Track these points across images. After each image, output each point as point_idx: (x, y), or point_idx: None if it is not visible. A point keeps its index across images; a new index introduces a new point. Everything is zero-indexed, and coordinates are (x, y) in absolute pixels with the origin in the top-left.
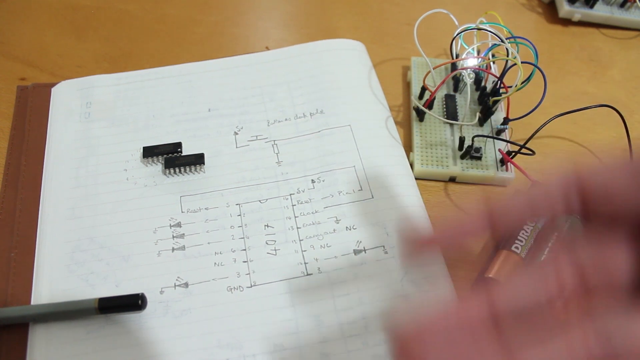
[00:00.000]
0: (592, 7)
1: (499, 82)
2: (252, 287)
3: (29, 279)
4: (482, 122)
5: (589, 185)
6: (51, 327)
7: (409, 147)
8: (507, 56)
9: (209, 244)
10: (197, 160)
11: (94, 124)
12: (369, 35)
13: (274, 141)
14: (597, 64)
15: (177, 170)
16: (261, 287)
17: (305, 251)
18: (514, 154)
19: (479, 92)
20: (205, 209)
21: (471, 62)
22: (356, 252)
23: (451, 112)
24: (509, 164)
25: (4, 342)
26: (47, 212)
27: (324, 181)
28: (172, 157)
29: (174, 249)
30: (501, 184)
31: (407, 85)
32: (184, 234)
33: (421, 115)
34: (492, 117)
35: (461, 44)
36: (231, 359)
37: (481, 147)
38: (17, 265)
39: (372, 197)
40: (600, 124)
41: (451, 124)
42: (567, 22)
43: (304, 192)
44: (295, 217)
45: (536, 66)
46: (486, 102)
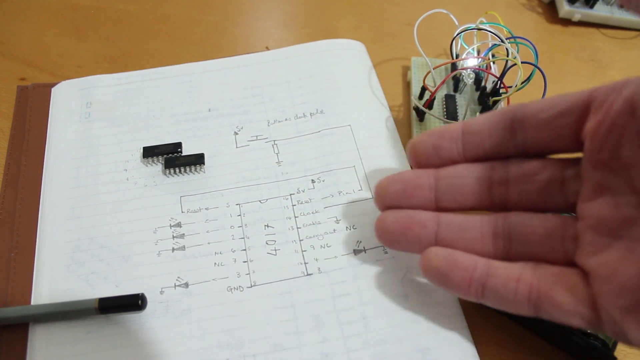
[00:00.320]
0: (592, 7)
1: (499, 82)
2: (252, 287)
3: (29, 279)
4: None
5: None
6: (51, 327)
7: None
8: (507, 56)
9: (209, 244)
10: (197, 160)
11: (94, 124)
12: (369, 35)
13: (274, 141)
14: (597, 64)
15: (177, 170)
16: (261, 287)
17: (305, 251)
18: None
19: (479, 92)
20: (205, 209)
21: (471, 62)
22: (356, 252)
23: (451, 112)
24: None
25: (4, 342)
26: (47, 212)
27: (324, 181)
28: (172, 157)
29: (174, 249)
30: None
31: (407, 85)
32: (184, 234)
33: (421, 115)
34: None
35: (461, 44)
36: (231, 359)
37: None
38: (17, 265)
39: (372, 197)
40: None
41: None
42: (567, 22)
43: (304, 192)
44: (295, 217)
45: (536, 66)
46: (486, 102)
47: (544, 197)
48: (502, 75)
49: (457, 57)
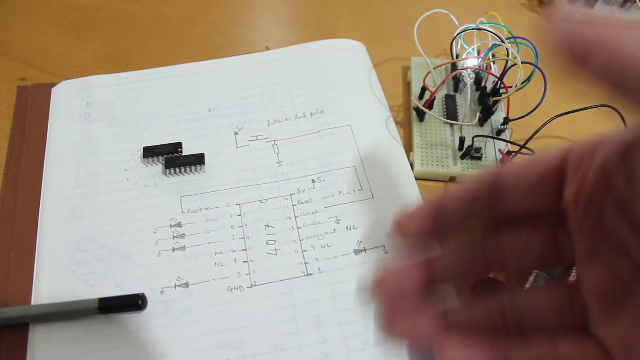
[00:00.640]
0: (592, 7)
1: (499, 82)
2: (252, 287)
3: (29, 279)
4: (482, 122)
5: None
6: (51, 327)
7: (409, 147)
8: (507, 56)
9: (209, 244)
10: (198, 160)
11: (94, 124)
12: (369, 35)
13: (274, 141)
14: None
15: (177, 170)
16: (261, 287)
17: (305, 251)
18: (514, 154)
19: (479, 92)
20: (205, 209)
21: (471, 62)
22: (356, 252)
23: (451, 112)
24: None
25: (4, 342)
26: (47, 212)
27: (324, 181)
28: (172, 157)
29: (174, 249)
30: None
31: (407, 85)
32: (184, 234)
33: (421, 115)
34: (492, 117)
35: (461, 44)
36: (231, 359)
37: (481, 147)
38: (17, 265)
39: (372, 197)
40: (600, 124)
41: (451, 124)
42: None
43: (304, 192)
44: (295, 217)
45: (536, 66)
46: (486, 102)
47: (541, 264)
48: (502, 75)
49: (457, 57)
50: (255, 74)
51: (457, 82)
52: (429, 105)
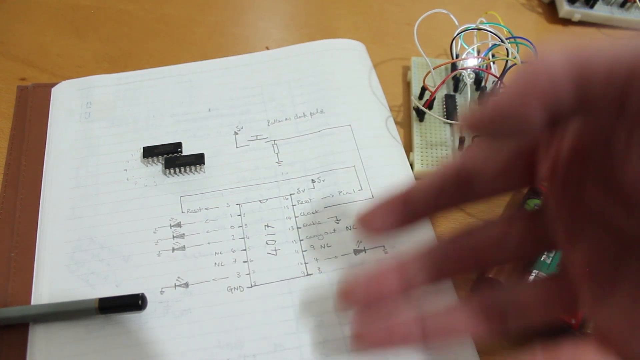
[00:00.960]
0: (592, 7)
1: (499, 82)
2: (252, 287)
3: (29, 279)
4: None
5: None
6: (51, 327)
7: (409, 147)
8: (507, 56)
9: (209, 244)
10: (197, 160)
11: (94, 124)
12: (369, 35)
13: (274, 141)
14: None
15: (177, 170)
16: (261, 287)
17: (305, 251)
18: None
19: (479, 92)
20: (205, 209)
21: (471, 62)
22: (356, 252)
23: (451, 112)
24: None
25: (4, 342)
26: (47, 212)
27: (324, 181)
28: (172, 157)
29: (174, 249)
30: None
31: (407, 85)
32: (184, 234)
33: (421, 115)
34: None
35: (461, 44)
36: (231, 359)
37: None
38: (17, 265)
39: (372, 197)
40: None
41: (451, 124)
42: (567, 22)
43: (304, 192)
44: (295, 217)
45: None
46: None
47: (521, 254)
48: (502, 75)
49: (457, 57)
50: (255, 74)
51: (457, 82)
52: (429, 105)
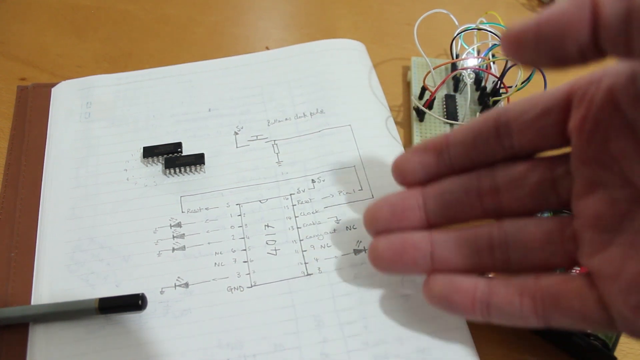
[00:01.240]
0: None
1: (499, 82)
2: (252, 287)
3: (29, 279)
4: None
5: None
6: (51, 327)
7: (409, 147)
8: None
9: (209, 244)
10: (197, 160)
11: (94, 124)
12: (369, 35)
13: (274, 141)
14: (597, 64)
15: (177, 170)
16: (261, 287)
17: (305, 251)
18: None
19: (479, 92)
20: (205, 209)
21: (471, 62)
22: (356, 252)
23: (451, 112)
24: None
25: (4, 342)
26: (47, 212)
27: (324, 181)
28: (172, 157)
29: (174, 249)
30: None
31: (407, 85)
32: (184, 234)
33: (421, 115)
34: None
35: (461, 44)
36: (231, 359)
37: None
38: (17, 265)
39: (372, 197)
40: None
41: (451, 124)
42: None
43: (304, 192)
44: (295, 217)
45: None
46: (486, 102)
47: (537, 199)
48: (502, 75)
49: (457, 57)
50: (255, 74)
51: (457, 82)
52: (429, 105)
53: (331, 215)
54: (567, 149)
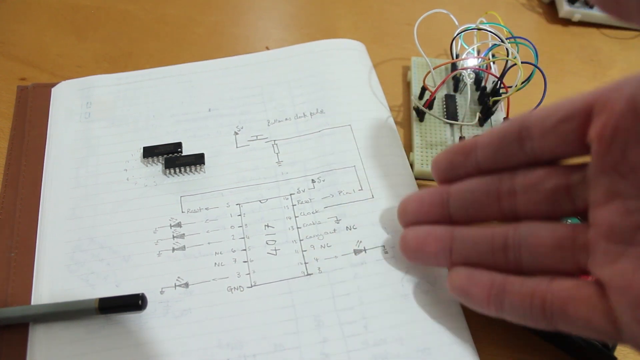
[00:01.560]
0: (592, 7)
1: (499, 82)
2: (252, 287)
3: (29, 279)
4: (482, 122)
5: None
6: (51, 327)
7: (409, 147)
8: (507, 56)
9: (209, 244)
10: (197, 160)
11: (94, 124)
12: (369, 35)
13: (274, 141)
14: (597, 64)
15: (177, 170)
16: (261, 287)
17: (305, 251)
18: None
19: (479, 92)
20: (205, 209)
21: (471, 62)
22: (356, 252)
23: (451, 112)
24: None
25: (4, 342)
26: (47, 212)
27: (324, 181)
28: (172, 157)
29: (174, 249)
30: None
31: (407, 85)
32: (184, 234)
33: (421, 115)
34: (492, 117)
35: (461, 44)
36: (231, 359)
37: None
38: (17, 265)
39: (372, 197)
40: None
41: (451, 124)
42: (567, 22)
43: (304, 192)
44: (295, 217)
45: (536, 66)
46: (486, 102)
47: (552, 205)
48: (502, 75)
49: (457, 57)
50: (255, 74)
51: (457, 82)
52: (429, 105)
53: (331, 215)
54: (587, 158)
